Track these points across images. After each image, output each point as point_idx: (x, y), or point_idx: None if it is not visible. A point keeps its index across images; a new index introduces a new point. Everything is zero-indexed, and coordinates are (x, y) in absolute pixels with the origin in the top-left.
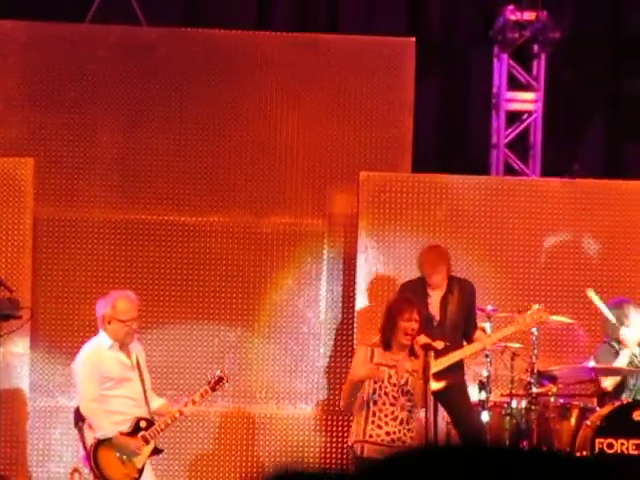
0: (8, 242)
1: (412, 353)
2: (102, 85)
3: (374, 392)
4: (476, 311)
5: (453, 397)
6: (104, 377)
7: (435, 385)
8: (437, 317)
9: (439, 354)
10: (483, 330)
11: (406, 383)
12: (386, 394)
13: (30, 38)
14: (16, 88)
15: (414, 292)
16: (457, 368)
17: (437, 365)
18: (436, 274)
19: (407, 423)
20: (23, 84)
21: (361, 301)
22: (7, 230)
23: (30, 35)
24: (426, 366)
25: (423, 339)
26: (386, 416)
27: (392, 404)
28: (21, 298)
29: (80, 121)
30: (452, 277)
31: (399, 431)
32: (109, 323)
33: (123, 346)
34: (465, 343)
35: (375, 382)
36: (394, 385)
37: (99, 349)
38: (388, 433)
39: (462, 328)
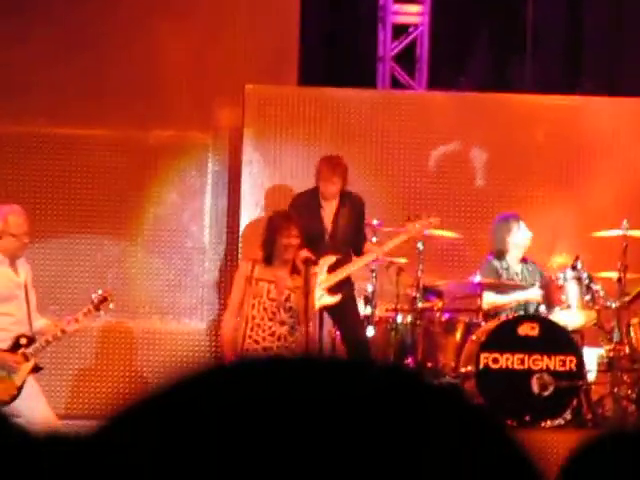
0: None
1: (295, 270)
2: None
3: (252, 307)
4: (365, 224)
5: (343, 311)
6: None
7: (329, 299)
8: (329, 230)
9: (331, 268)
10: (375, 245)
11: (287, 299)
12: (265, 309)
13: None
14: None
15: (306, 204)
16: (346, 282)
17: (330, 279)
18: (330, 184)
19: (285, 340)
20: None
21: (246, 215)
22: None
23: None
24: (307, 281)
25: (304, 253)
26: (264, 331)
27: (270, 319)
28: None
29: None
30: (343, 191)
31: (276, 347)
32: (0, 238)
33: (12, 263)
34: (355, 258)
35: (254, 297)
36: (273, 300)
37: None
38: (265, 349)
39: (353, 242)
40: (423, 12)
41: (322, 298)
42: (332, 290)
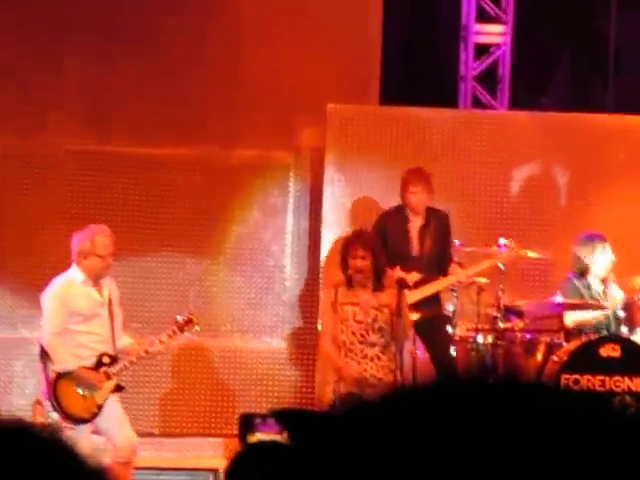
0: None
1: (378, 287)
2: (70, 17)
3: (342, 332)
4: (451, 244)
5: (433, 330)
6: (73, 312)
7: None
8: (416, 248)
9: (415, 286)
10: (460, 265)
11: (375, 320)
12: (353, 333)
13: None
14: None
15: (393, 221)
16: (434, 300)
17: (411, 296)
18: (418, 195)
19: (378, 360)
20: None
21: (327, 234)
22: None
23: None
24: (400, 301)
25: (398, 273)
26: (357, 355)
27: (360, 342)
28: None
29: (46, 52)
30: (429, 208)
31: (371, 368)
32: (85, 258)
33: (96, 282)
34: (439, 278)
35: (342, 322)
36: (360, 323)
37: (70, 284)
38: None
39: (438, 261)
40: (505, 32)
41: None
42: (413, 308)
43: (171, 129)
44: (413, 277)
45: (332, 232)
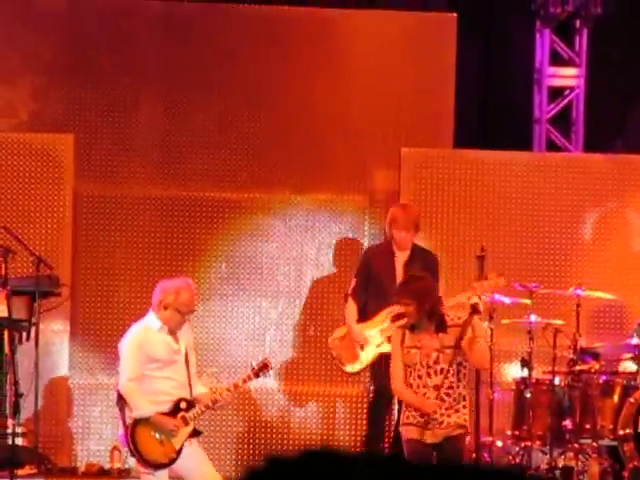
0: (48, 219)
1: (440, 329)
2: (142, 60)
3: (410, 375)
4: (438, 284)
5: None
6: (150, 358)
7: (389, 348)
8: (399, 280)
9: (394, 319)
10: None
11: (437, 361)
12: (419, 377)
13: (69, 11)
14: (55, 63)
15: (380, 252)
16: None
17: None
18: (404, 232)
19: (441, 401)
20: (62, 59)
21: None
22: (47, 207)
23: (69, 8)
24: (471, 325)
25: (474, 299)
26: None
27: (424, 386)
28: (61, 275)
29: (120, 96)
30: (416, 246)
31: (432, 412)
32: (165, 309)
33: (172, 331)
34: None
35: (408, 366)
36: (422, 366)
37: (147, 330)
38: (422, 415)
39: None
40: (579, 75)
41: (382, 346)
42: (379, 343)
43: (244, 173)
44: (393, 310)
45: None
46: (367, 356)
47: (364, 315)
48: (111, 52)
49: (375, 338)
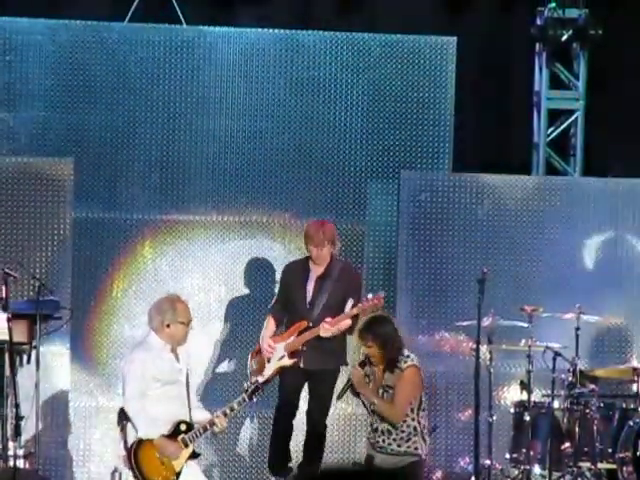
0: (48, 242)
1: (389, 368)
2: (142, 85)
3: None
4: (356, 299)
5: (317, 382)
6: (153, 378)
7: (287, 362)
8: (309, 296)
9: (299, 333)
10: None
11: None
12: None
13: (70, 38)
14: (56, 89)
15: (295, 269)
16: (328, 354)
17: (294, 343)
18: (318, 248)
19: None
20: (63, 85)
21: (402, 300)
22: (47, 230)
23: (70, 35)
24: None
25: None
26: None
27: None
28: (61, 298)
29: (120, 121)
30: (337, 261)
31: (383, 441)
32: (168, 327)
33: (174, 349)
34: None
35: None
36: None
37: (150, 350)
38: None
39: (333, 312)
40: (578, 98)
41: (283, 359)
42: (294, 354)
43: (243, 196)
44: (301, 325)
45: (406, 298)
46: (269, 369)
47: (286, 329)
48: (111, 77)
49: (278, 351)
